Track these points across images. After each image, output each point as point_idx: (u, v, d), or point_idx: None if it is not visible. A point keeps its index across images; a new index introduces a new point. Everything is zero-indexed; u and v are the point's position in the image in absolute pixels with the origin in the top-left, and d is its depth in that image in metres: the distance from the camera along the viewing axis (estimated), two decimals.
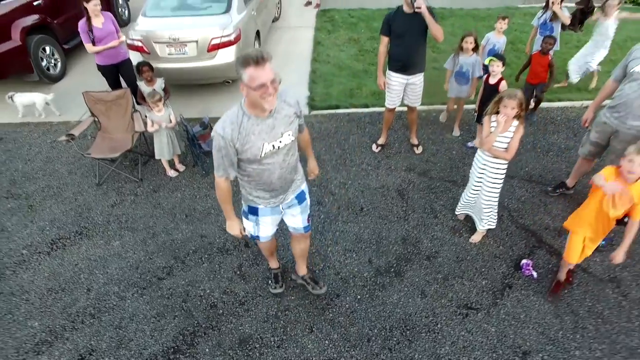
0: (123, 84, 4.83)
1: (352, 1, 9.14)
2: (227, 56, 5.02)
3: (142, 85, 4.25)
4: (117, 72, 4.70)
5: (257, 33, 5.89)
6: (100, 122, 4.22)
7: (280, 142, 2.08)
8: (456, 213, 3.52)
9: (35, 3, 5.66)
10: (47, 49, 5.84)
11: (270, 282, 3.02)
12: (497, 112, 2.78)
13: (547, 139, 4.56)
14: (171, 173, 4.16)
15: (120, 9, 7.88)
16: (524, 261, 3.13)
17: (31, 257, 3.36)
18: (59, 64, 6.10)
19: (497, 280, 3.06)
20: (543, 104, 4.99)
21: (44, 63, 5.78)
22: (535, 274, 3.06)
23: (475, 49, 4.12)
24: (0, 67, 5.14)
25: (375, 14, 8.31)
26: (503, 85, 3.81)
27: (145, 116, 4.26)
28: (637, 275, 3.05)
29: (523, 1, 9.08)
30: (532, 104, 4.81)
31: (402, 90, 3.90)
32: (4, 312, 2.93)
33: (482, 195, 3.10)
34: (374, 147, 4.38)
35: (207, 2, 5.45)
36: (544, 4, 4.92)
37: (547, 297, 2.91)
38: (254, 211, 2.38)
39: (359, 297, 2.98)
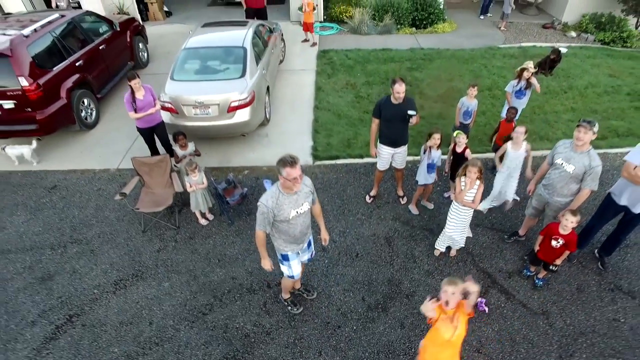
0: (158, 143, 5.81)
1: (348, 42, 10.08)
2: (243, 116, 5.98)
3: (177, 150, 5.22)
4: (153, 133, 5.66)
5: (267, 88, 6.84)
6: (144, 180, 5.18)
7: (301, 209, 3.23)
8: (436, 247, 4.57)
9: (77, 64, 6.59)
10: (85, 101, 6.77)
11: (289, 307, 4.06)
12: (465, 175, 3.96)
13: None
14: (202, 221, 5.13)
15: (140, 53, 8.82)
16: (479, 299, 4.14)
17: (101, 295, 4.33)
18: (94, 113, 7.03)
19: None
20: None
21: (82, 114, 6.71)
22: (487, 309, 4.07)
23: (439, 145, 4.61)
24: (52, 123, 6.08)
25: (370, 55, 9.22)
26: (468, 153, 4.83)
27: (176, 166, 5.28)
28: (562, 309, 4.08)
29: (503, 41, 10.09)
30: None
31: (390, 157, 4.90)
32: (91, 340, 3.91)
33: (458, 229, 4.29)
34: (367, 198, 5.37)
35: (225, 65, 6.40)
36: (516, 76, 5.85)
37: None
38: (285, 257, 3.54)
39: (354, 328, 3.98)
